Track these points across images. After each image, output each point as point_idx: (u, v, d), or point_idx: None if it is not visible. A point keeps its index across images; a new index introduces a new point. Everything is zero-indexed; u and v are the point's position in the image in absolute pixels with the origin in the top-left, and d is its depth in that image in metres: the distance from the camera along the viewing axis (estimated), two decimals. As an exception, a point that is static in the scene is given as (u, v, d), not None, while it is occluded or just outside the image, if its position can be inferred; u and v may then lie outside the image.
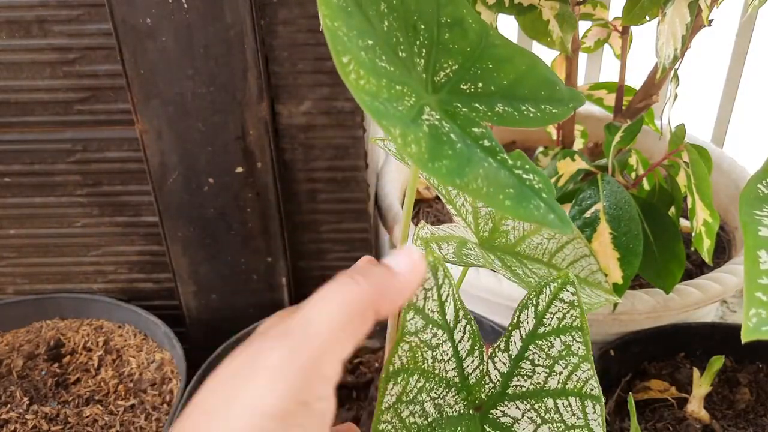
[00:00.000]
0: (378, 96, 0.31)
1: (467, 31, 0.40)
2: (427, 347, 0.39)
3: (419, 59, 0.37)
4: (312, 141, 0.80)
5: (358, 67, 0.30)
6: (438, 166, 0.31)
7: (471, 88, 0.38)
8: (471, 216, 0.53)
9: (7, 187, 0.84)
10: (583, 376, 0.40)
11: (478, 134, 0.35)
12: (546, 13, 0.66)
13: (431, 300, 0.39)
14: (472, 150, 0.33)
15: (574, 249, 0.56)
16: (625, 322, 0.77)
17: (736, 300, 1.11)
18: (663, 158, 0.71)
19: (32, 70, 0.76)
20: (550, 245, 0.55)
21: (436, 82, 0.37)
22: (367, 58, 0.31)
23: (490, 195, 0.31)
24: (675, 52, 0.61)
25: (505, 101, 0.39)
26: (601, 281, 0.58)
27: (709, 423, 0.71)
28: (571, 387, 0.40)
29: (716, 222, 0.65)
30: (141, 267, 0.90)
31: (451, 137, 0.33)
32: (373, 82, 0.31)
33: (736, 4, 1.06)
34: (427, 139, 0.31)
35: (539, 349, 0.41)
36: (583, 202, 0.66)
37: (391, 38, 0.35)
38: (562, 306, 0.41)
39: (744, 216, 0.35)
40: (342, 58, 0.30)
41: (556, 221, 0.32)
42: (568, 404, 0.40)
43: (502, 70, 0.40)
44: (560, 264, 0.56)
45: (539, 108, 0.40)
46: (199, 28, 0.71)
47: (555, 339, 0.40)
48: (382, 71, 0.32)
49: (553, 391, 0.40)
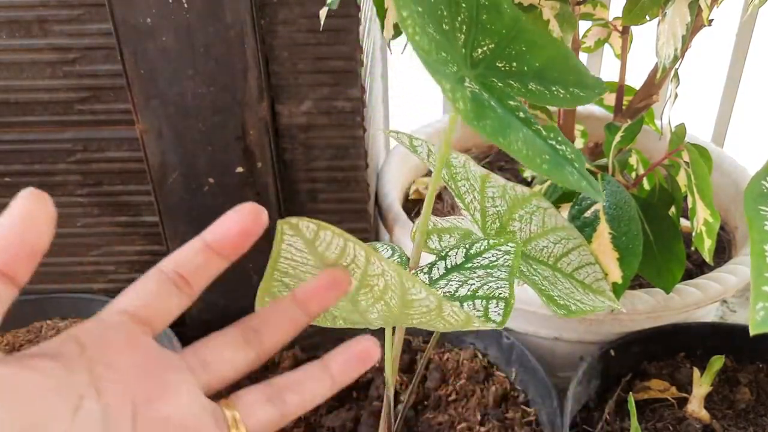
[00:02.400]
0: (430, 54, 0.33)
1: (503, 14, 0.42)
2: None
3: (460, 34, 0.39)
4: (312, 141, 0.80)
5: (414, 24, 0.33)
6: (483, 124, 0.33)
7: (506, 66, 0.41)
8: (479, 214, 0.53)
9: (7, 187, 0.84)
10: (496, 286, 0.42)
11: (514, 106, 0.37)
12: (546, 13, 0.66)
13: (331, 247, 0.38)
14: (510, 117, 0.35)
15: (579, 255, 0.57)
16: (625, 322, 0.77)
17: (736, 300, 1.11)
18: (663, 158, 0.71)
19: (32, 70, 0.76)
20: (556, 249, 0.56)
21: (474, 57, 0.40)
22: (420, 20, 0.34)
23: (529, 157, 0.34)
24: (675, 51, 0.61)
25: (537, 81, 0.42)
26: (606, 290, 0.58)
27: (709, 423, 0.71)
28: (481, 293, 0.42)
29: (717, 221, 0.65)
30: (141, 267, 0.90)
31: (491, 104, 0.35)
32: (425, 41, 0.33)
33: (736, 4, 1.06)
34: (471, 101, 0.34)
35: (460, 274, 0.43)
36: (583, 201, 0.66)
37: (437, 10, 0.37)
38: (497, 252, 0.44)
39: (749, 211, 0.35)
40: (402, 11, 0.32)
41: (588, 187, 0.35)
42: (472, 304, 0.42)
43: (535, 53, 0.43)
44: (565, 268, 0.56)
45: (568, 90, 0.43)
46: (199, 28, 0.71)
47: (480, 271, 0.43)
48: (431, 36, 0.34)
49: (461, 297, 0.43)
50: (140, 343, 0.34)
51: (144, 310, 0.35)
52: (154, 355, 0.34)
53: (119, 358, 0.32)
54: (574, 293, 0.55)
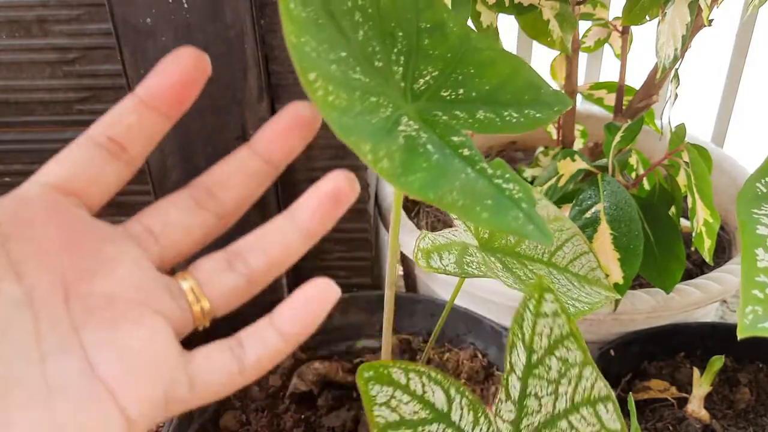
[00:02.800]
0: (349, 110, 0.30)
1: (448, 35, 0.39)
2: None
3: (397, 67, 0.36)
4: (312, 141, 0.80)
5: (327, 83, 0.29)
6: (411, 180, 0.30)
7: (452, 95, 0.37)
8: None
9: (8, 187, 0.84)
10: (588, 384, 0.38)
11: (457, 143, 0.34)
12: (546, 13, 0.66)
13: (403, 404, 0.38)
14: (450, 160, 0.32)
15: (573, 246, 0.56)
16: (625, 322, 0.77)
17: (736, 300, 1.11)
18: (663, 158, 0.71)
19: (32, 70, 0.76)
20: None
21: (415, 89, 0.36)
22: (339, 71, 0.30)
23: (465, 207, 0.30)
24: (675, 52, 0.61)
25: (487, 107, 0.38)
26: (601, 278, 0.58)
27: (709, 423, 0.71)
28: (579, 400, 0.38)
29: (717, 221, 0.65)
30: (141, 267, 0.90)
31: (428, 148, 0.32)
32: (344, 97, 0.30)
33: (736, 4, 1.06)
34: (402, 151, 0.31)
35: (539, 379, 0.39)
36: (583, 202, 0.66)
37: (367, 48, 0.34)
38: (547, 321, 0.39)
39: (742, 214, 0.35)
40: (308, 75, 0.29)
41: (535, 232, 0.31)
42: (581, 417, 0.38)
43: (485, 75, 0.39)
44: (560, 263, 0.56)
45: (522, 113, 0.39)
46: (199, 28, 0.71)
47: (550, 359, 0.39)
48: (356, 83, 0.31)
49: (564, 412, 0.38)
50: (68, 216, 0.29)
51: (73, 180, 0.30)
52: (87, 228, 0.30)
53: (42, 233, 0.28)
54: (571, 290, 0.55)
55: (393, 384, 0.38)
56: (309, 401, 0.79)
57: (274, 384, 0.80)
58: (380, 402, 0.38)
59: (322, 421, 0.77)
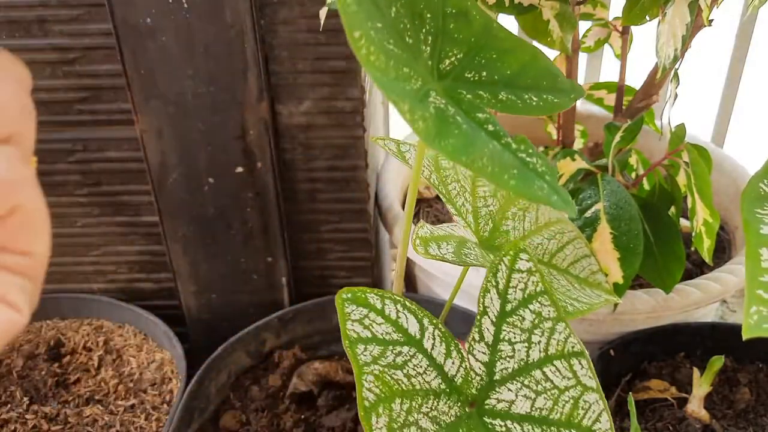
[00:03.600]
0: (387, 73, 0.32)
1: (472, 22, 0.41)
2: (394, 368, 0.39)
3: (425, 46, 0.38)
4: (312, 141, 0.80)
5: (369, 44, 0.31)
6: (444, 144, 0.32)
7: (475, 76, 0.40)
8: (471, 216, 0.53)
9: (7, 187, 0.84)
10: (561, 338, 0.40)
11: (482, 119, 0.36)
12: (546, 13, 0.66)
13: (376, 324, 0.40)
14: (477, 133, 0.34)
15: (574, 249, 0.56)
16: (625, 322, 0.77)
17: (736, 300, 1.11)
18: (663, 158, 0.71)
19: (32, 70, 0.76)
20: (551, 245, 0.55)
21: (441, 69, 0.39)
22: (377, 37, 0.32)
23: (495, 174, 0.32)
24: (675, 52, 0.61)
25: (509, 90, 0.40)
26: (602, 282, 0.58)
27: (709, 423, 0.71)
28: (553, 352, 0.40)
29: (716, 222, 0.65)
30: (141, 267, 0.90)
31: (457, 119, 0.34)
32: (382, 60, 0.32)
33: (736, 4, 1.06)
34: (434, 118, 0.32)
35: (512, 327, 0.41)
36: (583, 201, 0.66)
37: (399, 24, 0.36)
38: (521, 276, 0.41)
39: (746, 214, 0.35)
40: (354, 32, 0.31)
41: (559, 201, 0.33)
42: (555, 369, 0.40)
43: (506, 60, 0.41)
44: (560, 264, 0.56)
45: (541, 97, 0.41)
46: (199, 28, 0.71)
47: (524, 311, 0.41)
48: (390, 53, 0.33)
49: (537, 362, 0.40)
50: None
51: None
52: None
53: None
54: (570, 291, 0.55)
55: (368, 306, 0.40)
56: (309, 401, 0.79)
57: (274, 384, 0.81)
58: (354, 318, 0.40)
59: (322, 421, 0.77)
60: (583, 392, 0.39)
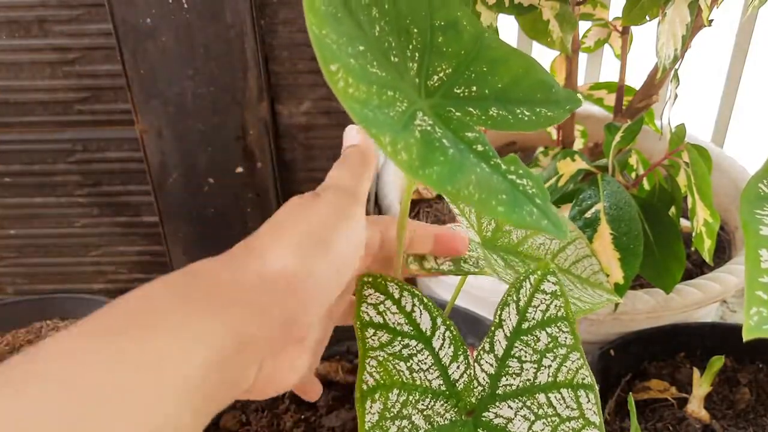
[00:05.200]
0: (368, 103, 0.30)
1: (461, 33, 0.39)
2: (399, 359, 0.39)
3: (412, 63, 0.36)
4: (312, 141, 0.80)
5: (347, 75, 0.30)
6: (429, 173, 0.30)
7: (465, 92, 0.38)
8: (474, 216, 0.53)
9: (7, 187, 0.84)
10: (573, 366, 0.39)
11: (472, 138, 0.34)
12: (546, 13, 0.66)
13: (390, 313, 0.40)
14: (465, 155, 0.32)
15: (576, 249, 0.56)
16: (625, 322, 0.77)
17: (736, 300, 1.11)
18: (663, 158, 0.71)
19: (32, 70, 0.76)
20: (553, 245, 0.55)
21: (429, 86, 0.37)
22: (357, 64, 0.31)
23: (482, 201, 0.31)
24: (675, 52, 0.61)
25: (500, 104, 0.38)
26: (603, 282, 0.58)
27: (709, 423, 0.71)
28: (562, 379, 0.39)
29: (717, 222, 0.65)
30: (141, 267, 0.90)
31: (444, 143, 0.32)
32: (363, 89, 0.30)
33: (736, 4, 1.06)
34: (419, 145, 0.31)
35: (525, 345, 0.40)
36: (583, 202, 0.66)
37: (383, 43, 0.34)
38: (545, 298, 0.41)
39: (745, 215, 0.35)
40: (330, 66, 0.29)
41: (549, 226, 0.31)
42: (560, 397, 0.39)
43: (497, 72, 0.39)
44: (562, 264, 0.56)
45: (534, 111, 0.39)
46: (199, 28, 0.71)
47: (540, 332, 0.40)
48: (373, 77, 0.31)
49: (543, 385, 0.40)
50: None
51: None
52: None
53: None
54: (572, 291, 0.55)
55: (386, 294, 0.40)
56: (309, 401, 0.79)
57: (274, 384, 0.80)
58: (370, 302, 0.40)
59: (322, 421, 0.77)
60: (585, 426, 0.38)
